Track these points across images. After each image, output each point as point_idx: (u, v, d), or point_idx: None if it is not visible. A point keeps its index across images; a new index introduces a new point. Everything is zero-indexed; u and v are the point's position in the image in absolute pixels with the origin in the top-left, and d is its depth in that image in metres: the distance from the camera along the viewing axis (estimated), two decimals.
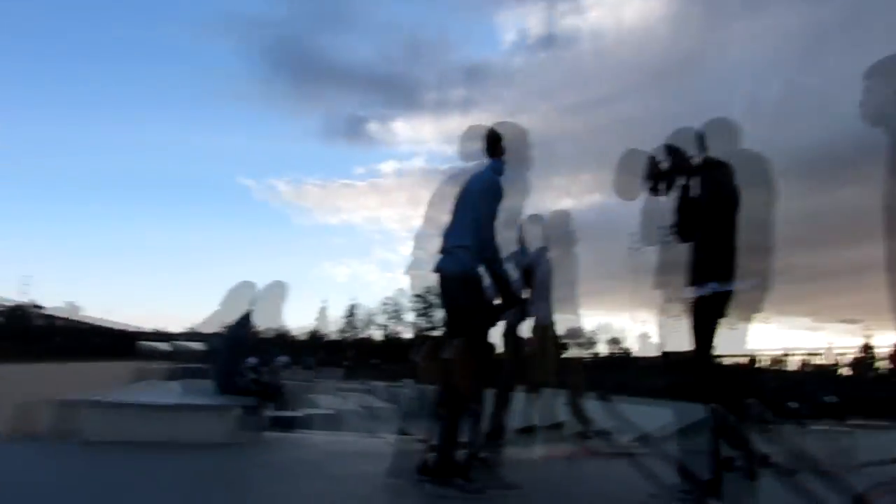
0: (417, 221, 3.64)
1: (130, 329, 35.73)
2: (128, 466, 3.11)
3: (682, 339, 3.15)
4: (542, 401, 5.19)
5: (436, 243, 3.36)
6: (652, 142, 3.38)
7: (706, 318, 3.02)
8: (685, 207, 3.11)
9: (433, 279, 3.33)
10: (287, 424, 4.88)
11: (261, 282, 5.19)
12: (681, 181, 3.18)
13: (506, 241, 3.44)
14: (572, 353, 5.29)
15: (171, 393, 4.85)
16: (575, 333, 5.35)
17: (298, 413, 5.39)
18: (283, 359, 10.56)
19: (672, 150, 3.22)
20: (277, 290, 5.14)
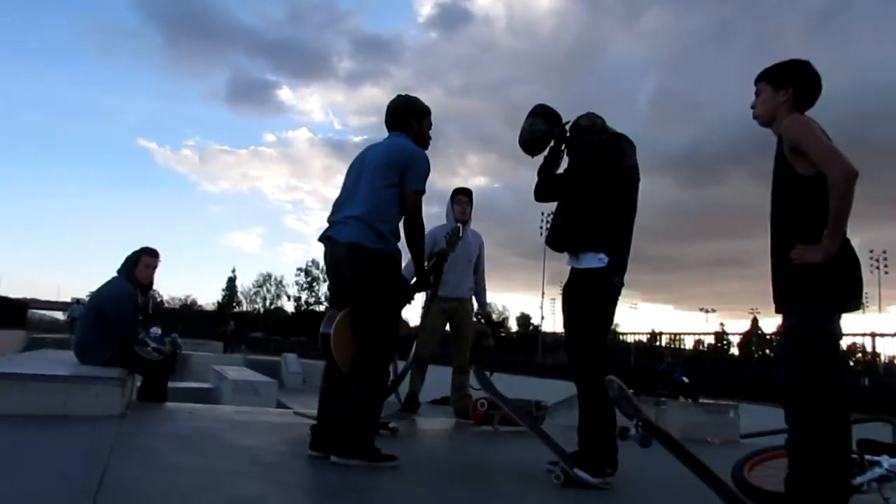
0: (330, 192, 3.50)
1: (20, 297, 33.47)
2: (10, 440, 2.98)
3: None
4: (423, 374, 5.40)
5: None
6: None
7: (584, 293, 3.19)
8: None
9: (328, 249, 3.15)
10: (160, 398, 4.73)
11: (164, 250, 5.01)
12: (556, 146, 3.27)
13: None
14: (461, 328, 5.38)
15: (62, 363, 4.63)
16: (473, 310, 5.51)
17: (173, 386, 5.22)
18: (155, 330, 10.18)
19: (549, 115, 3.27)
20: (135, 255, 4.89)
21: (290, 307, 78.50)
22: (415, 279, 3.45)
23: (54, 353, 6.40)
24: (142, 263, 4.86)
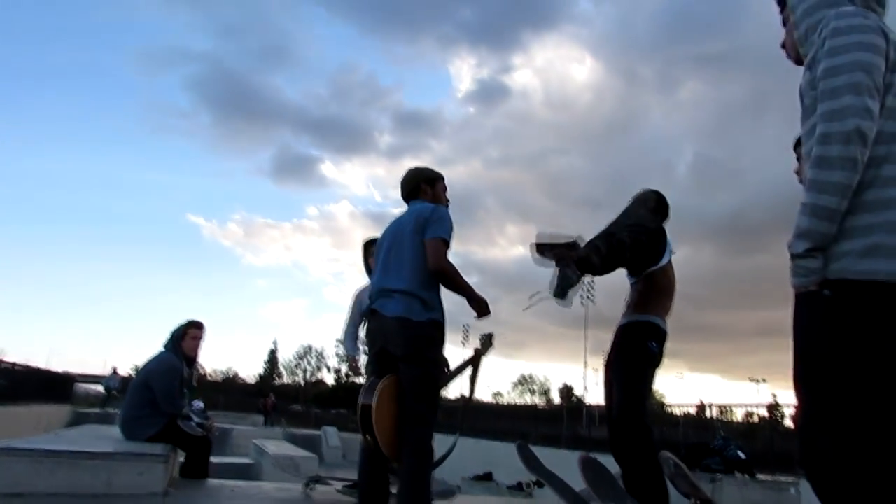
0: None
1: (67, 372, 34.16)
2: None
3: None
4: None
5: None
6: (574, 199, 3.53)
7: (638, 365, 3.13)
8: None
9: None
10: (202, 474, 4.66)
11: (208, 322, 5.08)
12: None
13: None
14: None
15: (107, 440, 4.65)
16: None
17: (214, 461, 5.15)
18: (197, 404, 10.14)
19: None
20: (182, 328, 4.96)
21: (330, 379, 78.29)
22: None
23: (99, 429, 6.45)
24: (188, 336, 4.92)
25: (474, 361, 3.74)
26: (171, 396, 4.63)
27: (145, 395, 4.60)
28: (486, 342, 3.85)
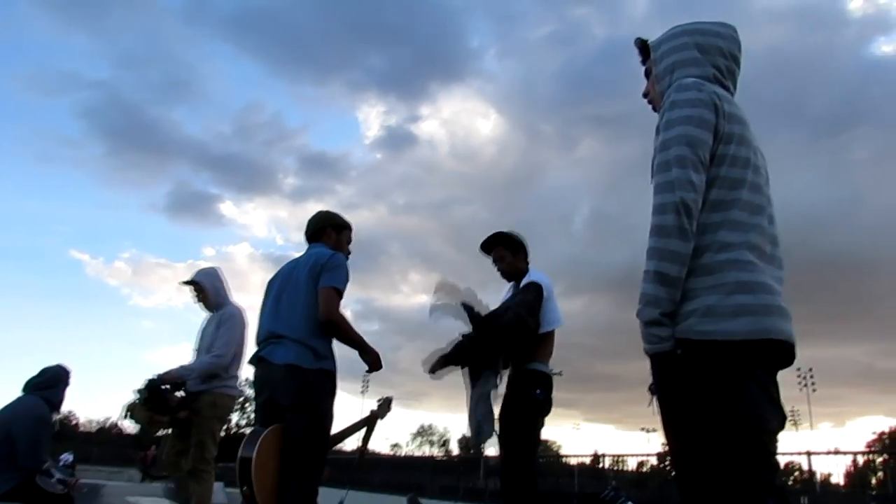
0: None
1: None
2: None
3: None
4: None
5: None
6: (476, 248, 3.62)
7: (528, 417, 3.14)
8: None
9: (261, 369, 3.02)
10: None
11: (86, 366, 4.67)
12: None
13: None
14: None
15: None
16: None
17: None
18: (66, 456, 9.19)
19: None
20: (63, 375, 4.54)
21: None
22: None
23: None
24: (62, 383, 4.49)
25: (369, 423, 3.66)
26: (35, 449, 4.15)
27: (4, 446, 4.10)
28: (385, 406, 3.77)
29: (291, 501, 2.74)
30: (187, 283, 4.54)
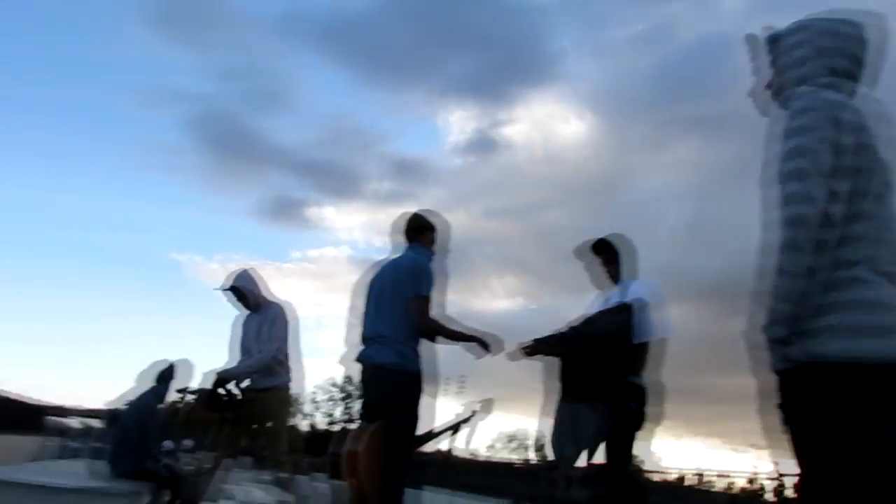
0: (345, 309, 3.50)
1: (39, 402, 33.38)
2: None
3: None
4: None
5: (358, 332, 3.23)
6: (565, 253, 3.59)
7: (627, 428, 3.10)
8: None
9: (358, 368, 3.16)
10: None
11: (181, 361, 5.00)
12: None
13: None
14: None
15: (74, 474, 4.52)
16: None
17: None
18: (187, 442, 9.77)
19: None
20: (185, 369, 4.90)
21: (304, 425, 76.85)
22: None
23: (68, 463, 6.27)
24: (170, 378, 4.85)
25: (469, 421, 3.72)
26: (145, 437, 4.59)
27: (126, 433, 4.53)
28: (487, 406, 3.80)
29: (396, 492, 2.90)
30: (229, 290, 4.52)
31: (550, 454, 3.15)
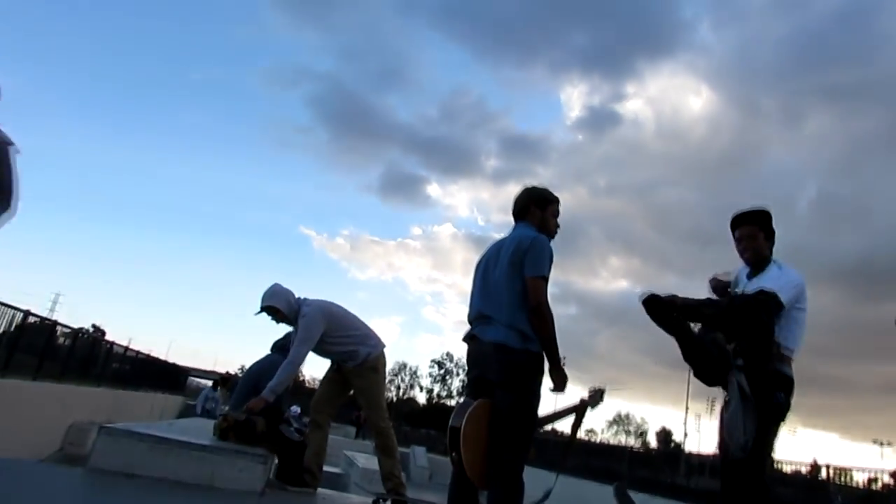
0: (467, 286, 3.51)
1: (181, 364, 36.42)
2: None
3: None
4: None
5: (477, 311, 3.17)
6: (683, 233, 3.35)
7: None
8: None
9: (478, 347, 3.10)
10: (297, 479, 4.71)
11: None
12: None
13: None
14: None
15: (209, 432, 4.87)
16: None
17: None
18: (294, 409, 10.36)
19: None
20: None
21: (422, 398, 79.06)
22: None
23: (207, 423, 6.79)
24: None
25: (579, 410, 3.64)
26: (283, 398, 4.79)
27: (252, 396, 4.76)
28: (597, 397, 3.72)
29: (498, 474, 2.83)
30: (262, 311, 4.58)
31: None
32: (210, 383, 15.02)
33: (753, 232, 3.24)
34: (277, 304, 4.53)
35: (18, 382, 12.95)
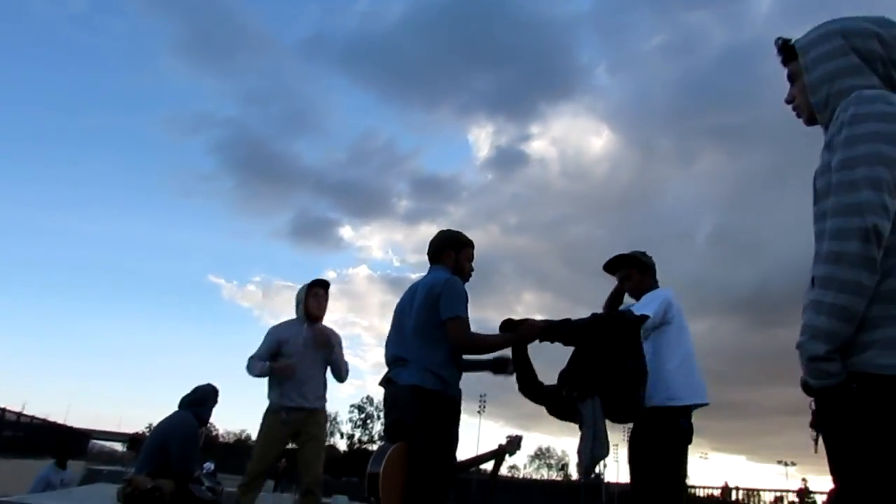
0: (386, 328, 3.54)
1: (82, 427, 34.02)
2: None
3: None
4: None
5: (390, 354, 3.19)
6: (593, 268, 3.57)
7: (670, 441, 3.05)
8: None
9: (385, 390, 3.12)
10: None
11: (222, 383, 5.06)
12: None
13: None
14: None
15: (111, 498, 4.58)
16: None
17: None
18: (208, 465, 9.91)
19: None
20: (212, 394, 4.95)
21: (342, 445, 76.81)
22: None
23: (109, 488, 6.37)
24: (309, 294, 4.90)
25: (498, 456, 3.70)
26: (186, 460, 4.56)
27: (160, 457, 4.53)
28: (514, 444, 3.80)
29: None
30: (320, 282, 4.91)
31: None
32: (118, 445, 14.07)
33: (628, 273, 3.54)
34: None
35: None
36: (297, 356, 4.63)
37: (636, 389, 2.95)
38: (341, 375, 4.82)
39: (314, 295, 4.88)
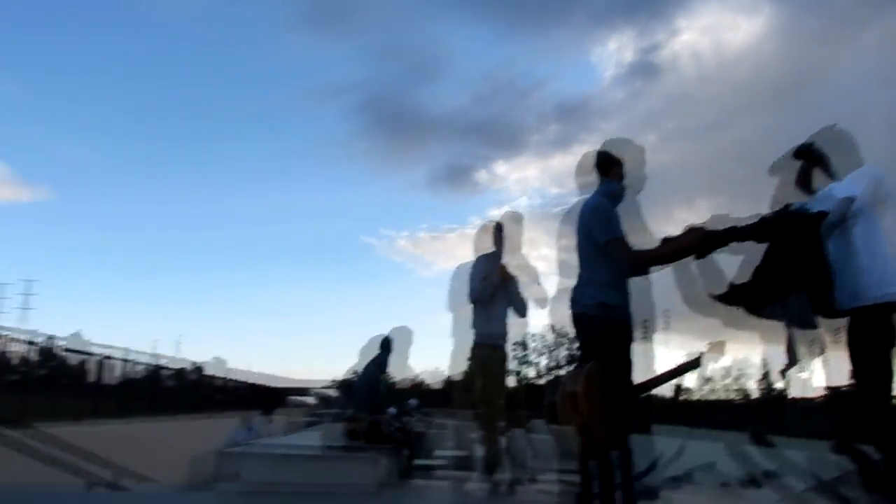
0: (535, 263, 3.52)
1: (279, 385, 38.11)
2: None
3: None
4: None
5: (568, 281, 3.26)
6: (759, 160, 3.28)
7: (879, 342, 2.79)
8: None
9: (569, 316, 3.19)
10: (425, 469, 4.87)
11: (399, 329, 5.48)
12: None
13: None
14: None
15: (320, 441, 5.10)
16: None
17: (435, 460, 5.40)
18: (413, 401, 10.67)
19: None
20: (404, 336, 5.35)
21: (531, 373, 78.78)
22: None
23: (309, 433, 7.07)
24: (385, 350, 5.41)
25: (684, 370, 3.64)
26: (369, 402, 5.01)
27: (374, 394, 5.05)
28: (717, 348, 3.71)
29: (619, 433, 2.89)
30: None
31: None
32: (311, 398, 15.49)
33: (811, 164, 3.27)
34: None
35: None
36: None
37: (825, 289, 2.73)
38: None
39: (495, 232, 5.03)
